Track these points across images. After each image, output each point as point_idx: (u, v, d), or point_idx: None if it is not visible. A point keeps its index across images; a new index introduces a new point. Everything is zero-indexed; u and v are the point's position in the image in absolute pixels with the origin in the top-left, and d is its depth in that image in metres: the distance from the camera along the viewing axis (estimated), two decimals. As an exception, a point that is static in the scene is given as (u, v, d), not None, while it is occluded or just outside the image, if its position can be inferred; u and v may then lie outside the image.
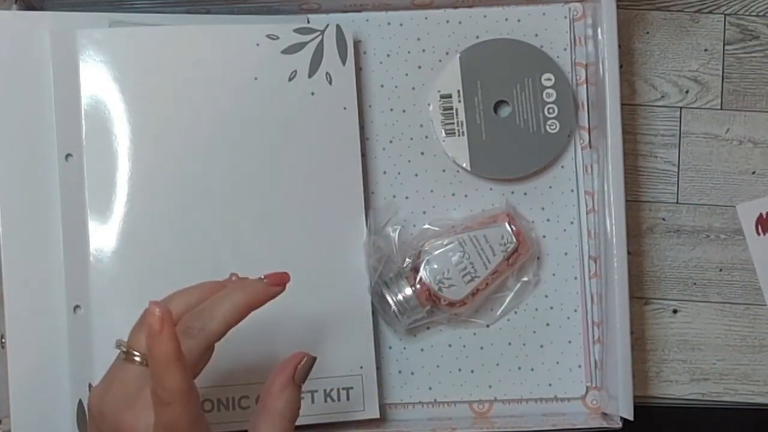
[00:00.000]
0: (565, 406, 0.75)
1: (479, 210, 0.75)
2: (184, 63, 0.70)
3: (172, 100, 0.70)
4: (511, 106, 0.75)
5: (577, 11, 0.76)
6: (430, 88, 0.76)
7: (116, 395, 0.51)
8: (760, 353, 0.77)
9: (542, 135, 0.75)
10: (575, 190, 0.76)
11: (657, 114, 0.78)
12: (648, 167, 0.77)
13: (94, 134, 0.69)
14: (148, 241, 0.69)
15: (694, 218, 0.77)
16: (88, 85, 0.69)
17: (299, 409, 0.55)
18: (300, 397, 0.55)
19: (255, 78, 0.71)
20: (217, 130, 0.71)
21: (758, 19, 0.78)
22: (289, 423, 0.54)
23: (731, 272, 0.77)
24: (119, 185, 0.69)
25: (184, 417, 0.49)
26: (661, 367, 0.77)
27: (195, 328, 0.52)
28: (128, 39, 0.70)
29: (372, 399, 0.72)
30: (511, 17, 0.76)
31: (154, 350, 0.49)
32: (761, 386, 0.77)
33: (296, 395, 0.54)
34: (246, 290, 0.55)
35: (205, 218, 0.70)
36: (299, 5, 0.75)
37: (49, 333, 0.68)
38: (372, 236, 0.72)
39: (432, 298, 0.72)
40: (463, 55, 0.75)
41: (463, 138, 0.75)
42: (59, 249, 0.68)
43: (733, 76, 0.78)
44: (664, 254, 0.77)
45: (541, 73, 0.75)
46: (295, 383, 0.54)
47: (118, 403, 0.51)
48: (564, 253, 0.76)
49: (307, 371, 0.55)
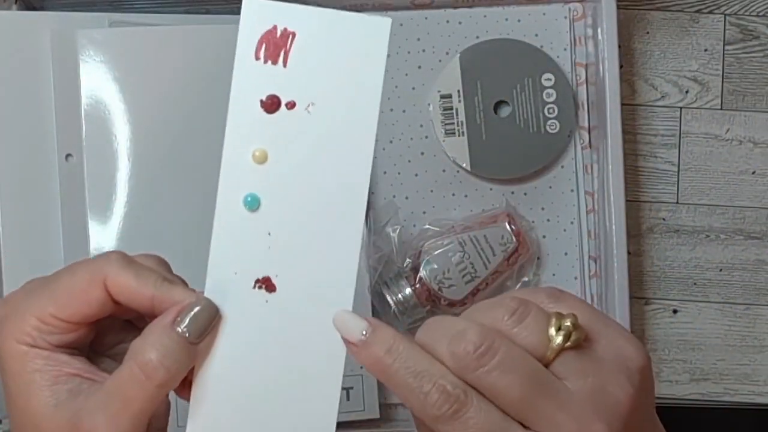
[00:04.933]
0: (565, 406, 0.75)
1: (479, 210, 0.75)
2: (184, 63, 0.70)
3: (172, 100, 0.70)
4: (511, 106, 0.75)
5: (577, 11, 0.76)
6: (430, 88, 0.76)
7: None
8: (760, 353, 0.77)
9: (542, 135, 0.75)
10: (575, 190, 0.76)
11: (657, 114, 0.78)
12: (648, 167, 0.77)
13: (94, 134, 0.69)
14: (148, 241, 0.69)
15: (694, 218, 0.77)
16: (88, 85, 0.69)
17: (173, 373, 0.41)
18: (185, 352, 0.41)
19: (255, 78, 0.71)
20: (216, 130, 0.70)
21: (758, 19, 0.78)
22: (151, 385, 0.41)
23: (731, 272, 0.77)
24: (119, 185, 0.69)
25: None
26: (661, 367, 0.77)
27: None
28: (128, 39, 0.70)
29: (372, 399, 0.72)
30: (511, 17, 0.76)
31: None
32: (761, 386, 0.77)
33: (172, 347, 0.41)
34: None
35: (205, 218, 0.70)
36: (299, 5, 0.75)
37: (49, 333, 0.68)
38: (372, 236, 0.73)
39: (432, 298, 0.72)
40: (463, 55, 0.75)
41: (463, 138, 0.75)
42: (59, 249, 0.68)
43: (733, 76, 0.78)
44: (664, 254, 0.77)
45: (541, 73, 0.75)
46: (172, 328, 0.41)
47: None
48: (564, 253, 0.76)
49: (198, 319, 0.42)
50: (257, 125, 0.42)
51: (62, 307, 0.43)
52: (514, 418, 0.39)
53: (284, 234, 0.42)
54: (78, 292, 0.43)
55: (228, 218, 0.42)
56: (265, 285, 0.42)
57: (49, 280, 0.44)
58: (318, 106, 0.41)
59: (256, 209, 0.42)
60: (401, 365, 0.39)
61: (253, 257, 0.42)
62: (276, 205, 0.42)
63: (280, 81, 0.41)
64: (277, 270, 0.42)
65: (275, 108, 0.42)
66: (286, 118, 0.42)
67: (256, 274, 0.42)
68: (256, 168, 0.42)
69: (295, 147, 0.42)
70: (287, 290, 0.42)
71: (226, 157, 0.42)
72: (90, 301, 0.43)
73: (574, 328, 0.39)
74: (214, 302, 0.42)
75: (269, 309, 0.42)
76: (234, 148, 0.42)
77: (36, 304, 0.43)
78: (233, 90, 0.42)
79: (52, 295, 0.43)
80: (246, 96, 0.42)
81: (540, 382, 0.39)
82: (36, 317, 0.43)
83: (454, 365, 0.39)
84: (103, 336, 0.46)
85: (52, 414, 0.42)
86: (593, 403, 0.39)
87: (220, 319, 0.42)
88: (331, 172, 0.42)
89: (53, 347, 0.43)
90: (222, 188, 0.42)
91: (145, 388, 0.41)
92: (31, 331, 0.43)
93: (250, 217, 0.42)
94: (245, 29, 0.41)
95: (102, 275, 0.43)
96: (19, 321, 0.43)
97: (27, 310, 0.43)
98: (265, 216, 0.42)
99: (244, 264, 0.42)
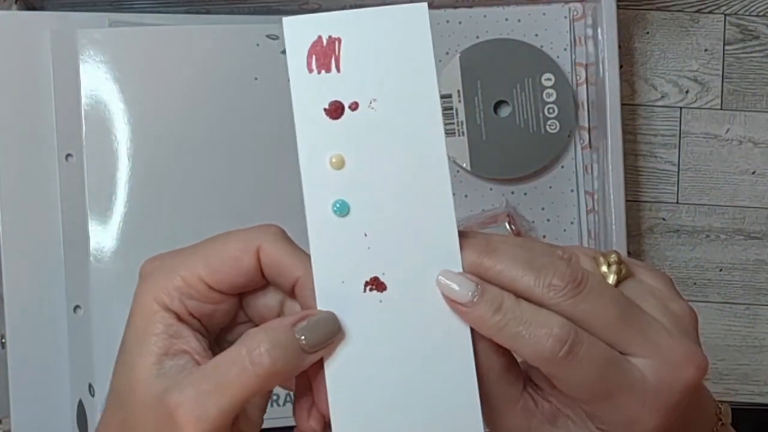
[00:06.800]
0: (565, 406, 0.75)
1: (479, 210, 0.75)
2: (184, 63, 0.70)
3: (172, 100, 0.70)
4: (511, 106, 0.75)
5: (577, 11, 0.76)
6: (430, 88, 0.75)
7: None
8: (760, 353, 0.77)
9: (542, 135, 0.75)
10: (575, 190, 0.76)
11: (657, 114, 0.78)
12: (648, 167, 0.77)
13: (94, 134, 0.69)
14: (148, 241, 0.69)
15: (694, 218, 0.77)
16: (88, 85, 0.69)
17: (278, 369, 0.40)
18: (296, 355, 0.41)
19: (255, 78, 0.71)
20: (216, 130, 0.71)
21: (758, 19, 0.78)
22: (252, 373, 0.40)
23: (731, 272, 0.77)
24: (119, 185, 0.69)
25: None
26: (661, 367, 0.77)
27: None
28: (128, 39, 0.70)
29: (372, 399, 0.72)
30: (511, 17, 0.76)
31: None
32: (761, 386, 0.77)
33: (285, 344, 0.40)
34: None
35: (204, 218, 0.70)
36: (299, 5, 0.75)
37: (49, 333, 0.68)
38: (372, 236, 0.72)
39: (432, 298, 0.72)
40: (463, 55, 0.75)
41: (463, 138, 0.75)
42: (59, 249, 0.68)
43: (733, 76, 0.78)
44: (664, 254, 0.77)
45: (541, 73, 0.75)
46: (292, 329, 0.41)
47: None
48: (564, 253, 0.76)
49: (318, 330, 0.41)
50: (327, 133, 0.42)
51: (213, 270, 0.42)
52: (615, 347, 0.40)
53: (380, 231, 0.43)
54: (230, 258, 0.42)
55: (322, 229, 0.43)
56: (375, 286, 0.43)
57: (200, 245, 0.43)
58: (380, 100, 0.42)
59: (346, 214, 0.43)
60: (510, 318, 0.40)
61: (356, 262, 0.42)
62: (365, 205, 0.43)
63: (338, 86, 0.42)
64: (383, 268, 0.43)
65: (340, 112, 0.42)
66: (352, 119, 0.42)
67: (364, 277, 0.43)
68: (336, 174, 0.42)
69: (368, 144, 0.42)
70: (397, 285, 0.43)
71: (305, 170, 0.43)
72: (241, 268, 0.42)
73: (618, 262, 0.42)
74: (338, 318, 0.42)
75: (385, 307, 0.43)
76: (310, 160, 0.42)
77: (186, 265, 0.42)
78: (295, 106, 0.42)
79: (205, 257, 0.42)
80: (309, 108, 0.42)
81: (626, 303, 0.41)
82: (182, 277, 0.42)
83: (554, 297, 0.40)
84: (233, 328, 0.45)
85: (150, 383, 0.41)
86: (671, 321, 0.42)
87: (342, 337, 0.42)
88: (409, 159, 0.43)
89: (187, 315, 0.42)
90: (309, 202, 0.43)
91: (246, 373, 0.40)
92: (173, 291, 0.42)
93: (343, 223, 0.43)
94: (292, 47, 0.42)
95: (257, 244, 0.42)
96: (163, 278, 0.42)
97: (176, 268, 0.42)
98: (358, 218, 0.43)
99: (350, 270, 0.43)
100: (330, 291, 0.42)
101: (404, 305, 0.43)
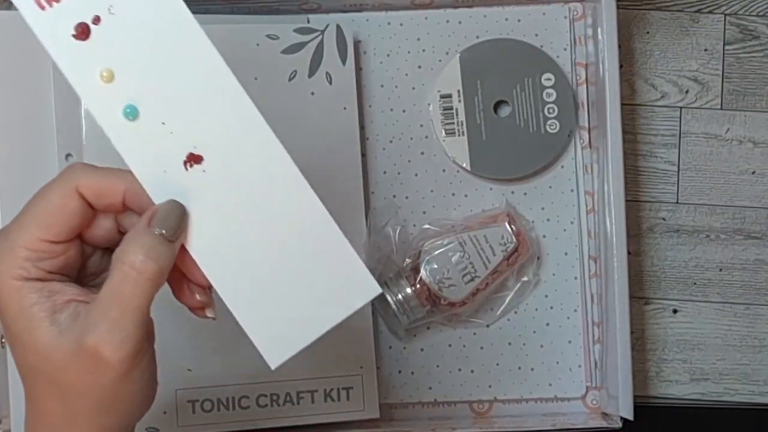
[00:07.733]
0: (565, 405, 0.75)
1: (479, 210, 0.75)
2: (183, 63, 0.70)
3: (172, 100, 0.70)
4: (511, 106, 0.75)
5: (577, 11, 0.76)
6: (430, 88, 0.76)
7: None
8: (760, 353, 0.77)
9: (542, 135, 0.75)
10: (575, 190, 0.76)
11: (657, 114, 0.78)
12: (648, 167, 0.77)
13: (94, 134, 0.69)
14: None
15: (694, 218, 0.77)
16: (87, 84, 0.69)
17: (161, 265, 0.44)
18: (167, 247, 0.44)
19: (255, 78, 0.71)
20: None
21: (758, 19, 0.78)
22: (144, 279, 0.43)
23: (731, 272, 0.77)
24: (119, 185, 0.69)
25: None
26: (661, 367, 0.77)
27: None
28: (128, 39, 0.70)
29: (372, 399, 0.72)
30: (511, 17, 0.76)
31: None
32: (761, 386, 0.77)
33: (154, 243, 0.44)
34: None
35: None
36: (299, 5, 0.75)
37: (49, 333, 0.67)
38: (372, 236, 0.73)
39: (432, 298, 0.72)
40: (463, 55, 0.75)
41: (463, 138, 0.75)
42: (59, 249, 0.68)
43: (733, 76, 0.78)
44: (664, 254, 0.77)
45: (541, 73, 0.75)
46: (150, 230, 0.44)
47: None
48: (564, 253, 0.76)
49: (169, 217, 0.45)
50: (86, 55, 0.45)
51: (47, 226, 0.44)
52: None
53: (174, 115, 0.46)
54: (56, 208, 0.45)
55: (123, 136, 0.46)
56: (193, 160, 0.46)
57: (23, 211, 0.45)
58: (116, 4, 0.45)
59: (138, 115, 0.45)
60: None
61: (166, 148, 0.46)
62: (151, 100, 0.45)
63: (72, 9, 0.45)
64: (192, 143, 0.46)
65: (88, 32, 0.45)
66: (102, 32, 0.45)
67: (180, 158, 0.46)
68: (111, 86, 0.45)
69: (127, 47, 0.45)
70: (212, 150, 0.46)
71: (84, 95, 0.45)
72: (69, 212, 0.45)
73: None
74: (179, 201, 0.45)
75: (210, 173, 0.46)
76: (84, 85, 0.45)
77: (21, 235, 0.44)
78: (45, 42, 0.45)
79: (35, 219, 0.45)
80: (59, 40, 0.45)
81: None
82: (24, 247, 0.44)
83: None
84: (87, 268, 0.48)
85: (58, 342, 0.43)
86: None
87: (188, 216, 0.45)
88: (167, 43, 0.45)
89: (47, 274, 0.44)
90: (101, 120, 0.46)
91: (139, 283, 0.43)
92: (23, 263, 0.44)
93: (139, 124, 0.45)
94: None
95: (73, 184, 0.45)
96: (8, 257, 0.44)
97: (14, 242, 0.44)
98: (150, 114, 0.45)
99: (165, 158, 0.46)
100: (158, 184, 0.45)
101: (225, 163, 0.46)
